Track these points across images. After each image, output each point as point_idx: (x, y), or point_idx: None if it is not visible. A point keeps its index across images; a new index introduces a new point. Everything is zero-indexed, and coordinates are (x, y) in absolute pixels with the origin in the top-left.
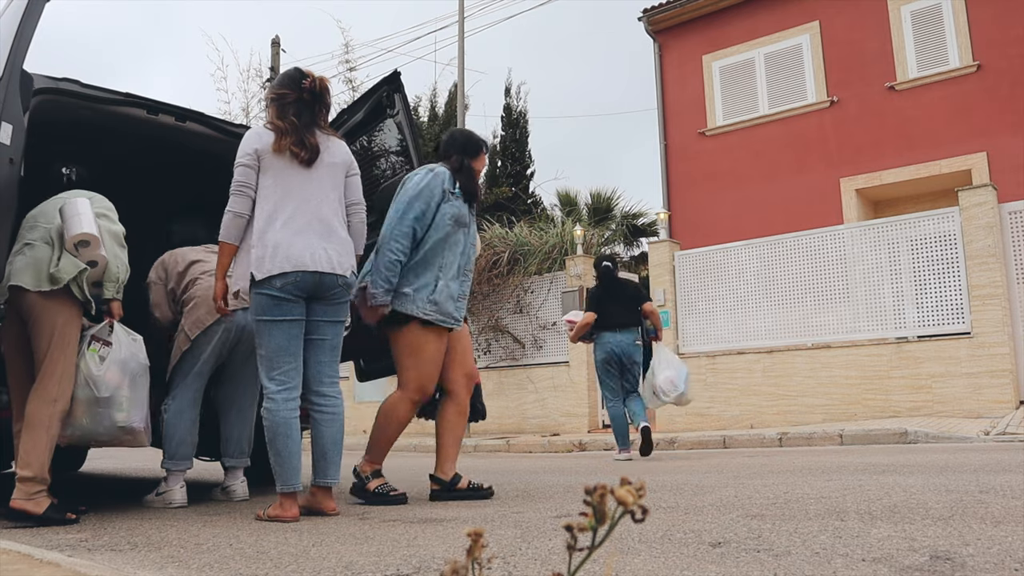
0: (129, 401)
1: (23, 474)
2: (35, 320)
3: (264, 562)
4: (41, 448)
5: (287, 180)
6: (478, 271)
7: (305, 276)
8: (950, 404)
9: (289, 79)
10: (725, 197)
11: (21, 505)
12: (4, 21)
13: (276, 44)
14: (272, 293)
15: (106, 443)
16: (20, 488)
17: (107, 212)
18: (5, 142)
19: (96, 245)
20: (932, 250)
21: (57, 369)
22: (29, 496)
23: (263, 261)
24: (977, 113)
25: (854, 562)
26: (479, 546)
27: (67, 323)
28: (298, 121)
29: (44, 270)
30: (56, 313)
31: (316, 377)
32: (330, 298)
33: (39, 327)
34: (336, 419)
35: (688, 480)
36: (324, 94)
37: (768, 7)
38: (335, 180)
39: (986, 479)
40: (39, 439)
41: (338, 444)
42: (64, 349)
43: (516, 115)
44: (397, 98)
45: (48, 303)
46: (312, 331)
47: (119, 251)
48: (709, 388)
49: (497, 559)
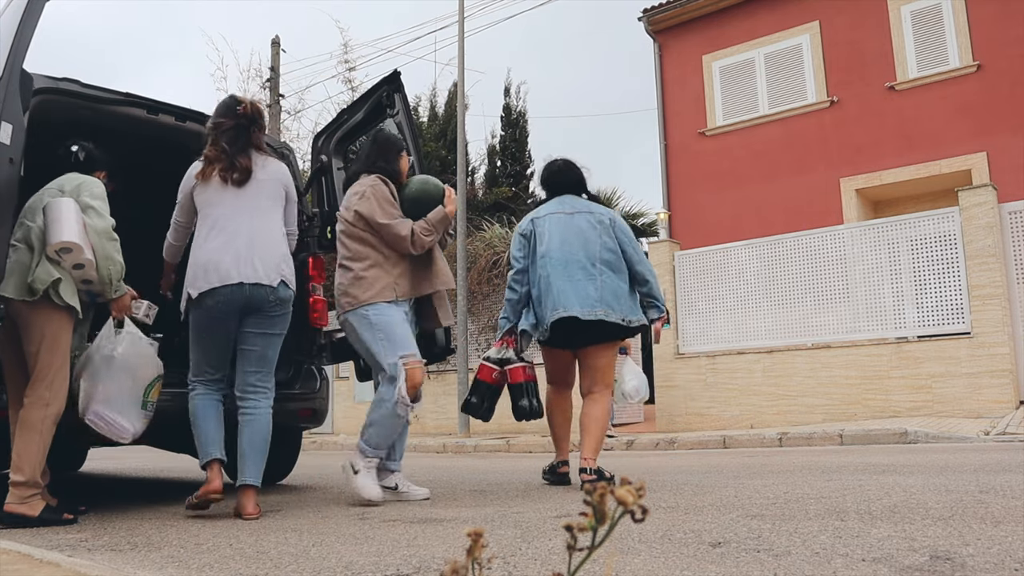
0: (84, 392)
1: (15, 479)
2: (24, 327)
3: (264, 562)
4: (33, 452)
5: (221, 202)
6: (478, 271)
7: (234, 290)
8: (950, 404)
9: (225, 108)
10: (725, 197)
11: (15, 509)
12: (4, 21)
13: (276, 44)
14: (203, 313)
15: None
16: (13, 492)
17: (94, 204)
18: (5, 142)
19: (79, 251)
20: (932, 250)
21: (48, 373)
22: (22, 500)
23: (196, 280)
24: (977, 113)
25: (854, 562)
26: (479, 546)
27: (58, 328)
28: (231, 147)
29: (24, 278)
30: (45, 320)
31: (240, 385)
32: (264, 310)
33: (28, 333)
34: (255, 419)
35: (688, 480)
36: (257, 117)
37: (768, 7)
38: (272, 195)
39: (986, 479)
40: (31, 443)
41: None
42: (55, 352)
43: (515, 115)
44: (397, 98)
45: (34, 310)
46: (242, 341)
47: (109, 248)
48: (709, 388)
49: (497, 559)
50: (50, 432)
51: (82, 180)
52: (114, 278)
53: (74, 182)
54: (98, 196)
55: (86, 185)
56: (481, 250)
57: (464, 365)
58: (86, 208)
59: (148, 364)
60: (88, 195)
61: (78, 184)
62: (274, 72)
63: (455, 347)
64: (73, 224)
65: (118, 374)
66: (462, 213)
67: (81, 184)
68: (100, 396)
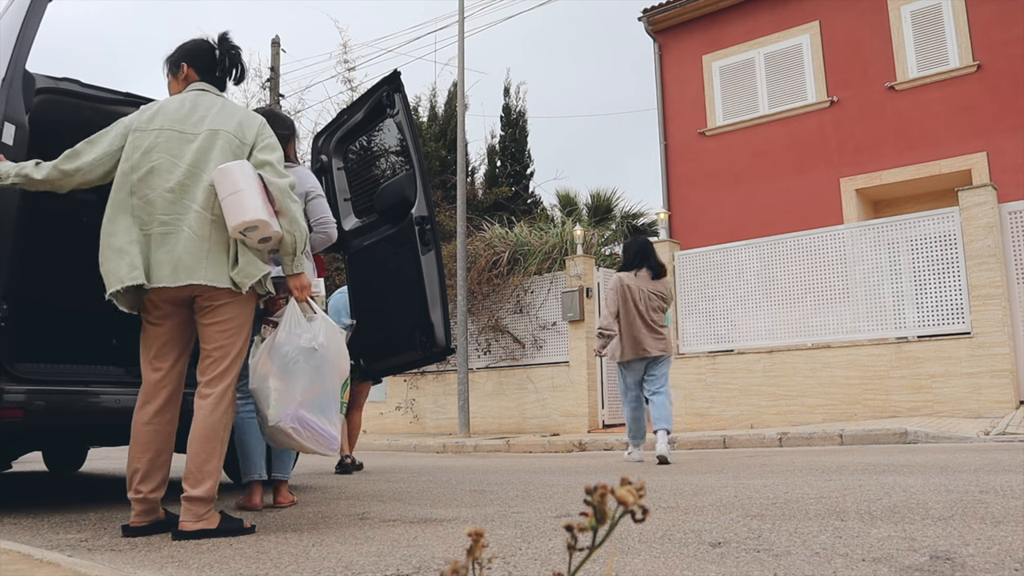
0: (278, 394)
1: (195, 494)
2: (206, 311)
3: (264, 562)
4: (217, 462)
5: None
6: (478, 271)
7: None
8: (950, 404)
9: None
10: (725, 197)
11: (193, 527)
12: (6, 21)
13: (276, 44)
14: None
15: (294, 446)
16: (189, 510)
17: (270, 159)
18: (8, 142)
19: (265, 226)
20: (932, 250)
21: (226, 362)
22: (200, 517)
23: None
24: (977, 113)
25: (854, 562)
26: (479, 546)
27: (250, 313)
28: None
29: (222, 268)
30: (240, 307)
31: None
32: None
33: (210, 316)
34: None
35: (688, 480)
36: (293, 128)
37: (768, 7)
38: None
39: (986, 479)
40: (215, 453)
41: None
42: (240, 336)
43: (515, 115)
44: (397, 98)
45: (225, 295)
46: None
47: (294, 209)
48: (709, 388)
49: (497, 559)
50: (228, 436)
51: (243, 116)
52: (298, 248)
53: (233, 118)
54: (273, 147)
55: (250, 127)
56: (481, 250)
57: (464, 365)
58: (262, 165)
59: (345, 357)
60: (264, 147)
61: (239, 121)
62: (274, 72)
63: (455, 347)
64: (255, 195)
65: (322, 371)
66: (462, 213)
67: (243, 124)
68: (302, 398)
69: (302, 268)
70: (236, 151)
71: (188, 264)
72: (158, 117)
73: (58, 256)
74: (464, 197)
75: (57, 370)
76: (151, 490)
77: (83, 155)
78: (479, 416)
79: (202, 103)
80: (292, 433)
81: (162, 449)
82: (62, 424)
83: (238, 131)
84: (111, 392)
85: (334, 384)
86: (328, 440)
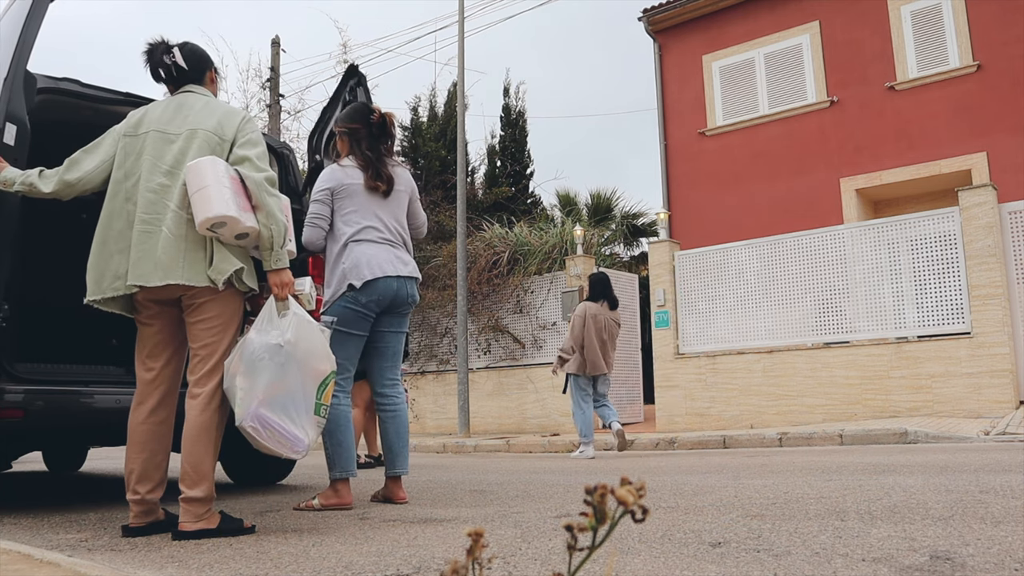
0: (243, 393)
1: (193, 495)
2: (192, 308)
3: (264, 562)
4: (211, 462)
5: (364, 206)
6: (478, 271)
7: (390, 282)
8: (950, 404)
9: (358, 113)
10: (725, 197)
11: (193, 527)
12: (7, 22)
13: (276, 44)
14: (354, 306)
15: (259, 447)
16: (188, 511)
17: (250, 154)
18: (9, 143)
19: (235, 222)
20: (932, 250)
21: (213, 360)
22: (199, 517)
23: (358, 270)
24: (977, 113)
25: (854, 562)
26: (479, 546)
27: (236, 309)
28: (373, 155)
29: (200, 266)
30: (222, 304)
31: (380, 381)
32: (400, 308)
33: (196, 314)
34: (397, 415)
35: (688, 480)
36: (390, 126)
37: (768, 7)
38: (403, 203)
39: (986, 479)
40: (209, 453)
41: (402, 437)
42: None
43: (515, 115)
44: (360, 91)
45: (207, 293)
46: (377, 340)
47: (270, 203)
48: (709, 388)
49: (497, 559)
50: (221, 435)
51: (224, 113)
52: (276, 242)
53: (213, 115)
54: (254, 142)
55: (230, 124)
56: (481, 250)
57: (464, 365)
58: (240, 161)
59: (321, 357)
60: (244, 143)
61: (219, 119)
62: (274, 72)
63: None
64: (223, 190)
65: (286, 368)
66: (462, 213)
67: (223, 121)
68: (264, 396)
69: (282, 263)
70: (215, 148)
71: (166, 264)
72: (145, 121)
73: (58, 256)
74: (464, 197)
75: (57, 370)
76: (148, 491)
77: (83, 164)
78: (479, 416)
79: (186, 103)
80: (252, 433)
81: (157, 449)
82: (62, 424)
83: (217, 128)
84: (111, 392)
85: (301, 383)
86: (291, 441)
